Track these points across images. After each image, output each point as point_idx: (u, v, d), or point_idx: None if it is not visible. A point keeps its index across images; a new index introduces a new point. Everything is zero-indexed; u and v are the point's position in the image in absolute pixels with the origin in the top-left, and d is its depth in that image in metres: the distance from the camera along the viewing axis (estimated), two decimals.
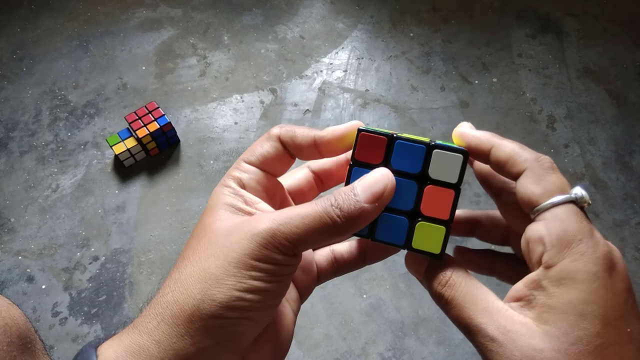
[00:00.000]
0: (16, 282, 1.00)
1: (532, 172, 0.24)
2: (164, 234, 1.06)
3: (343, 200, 0.24)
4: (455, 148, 0.26)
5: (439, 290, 0.26)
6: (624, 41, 1.36)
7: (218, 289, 0.23)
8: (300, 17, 1.42)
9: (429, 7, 1.44)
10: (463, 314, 0.24)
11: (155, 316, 0.24)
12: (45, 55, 1.34)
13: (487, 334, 0.23)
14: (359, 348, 0.94)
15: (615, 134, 1.21)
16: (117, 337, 0.25)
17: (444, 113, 1.24)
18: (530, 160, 0.25)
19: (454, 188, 0.26)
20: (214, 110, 1.24)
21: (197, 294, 0.23)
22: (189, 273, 0.24)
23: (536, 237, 0.24)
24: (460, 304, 0.25)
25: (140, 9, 1.44)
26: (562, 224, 0.23)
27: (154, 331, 0.23)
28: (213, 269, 0.23)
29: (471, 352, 0.93)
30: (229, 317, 0.23)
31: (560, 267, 0.23)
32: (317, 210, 0.24)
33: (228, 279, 0.23)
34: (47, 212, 1.09)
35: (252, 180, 0.28)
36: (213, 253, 0.24)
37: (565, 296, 0.22)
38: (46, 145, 1.18)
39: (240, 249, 0.23)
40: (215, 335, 0.23)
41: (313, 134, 0.28)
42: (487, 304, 0.24)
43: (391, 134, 0.26)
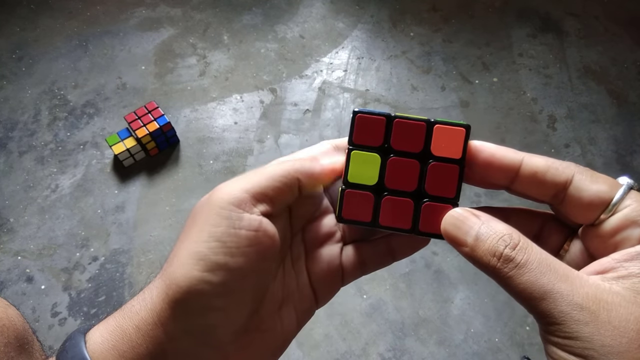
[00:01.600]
0: (15, 283, 1.00)
1: (582, 175, 0.25)
2: (163, 234, 1.06)
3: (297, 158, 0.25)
4: (456, 123, 0.26)
5: (507, 253, 0.22)
6: (625, 41, 1.36)
7: (182, 270, 0.22)
8: (300, 17, 1.42)
9: (429, 7, 1.43)
10: (541, 279, 0.21)
11: (140, 301, 0.24)
12: (44, 55, 1.33)
13: (572, 301, 0.20)
14: (359, 348, 0.93)
15: (616, 134, 1.20)
16: (105, 320, 0.25)
17: (444, 113, 1.24)
18: (571, 166, 0.25)
19: (458, 164, 0.25)
20: (214, 110, 1.24)
21: (166, 278, 0.23)
22: (170, 262, 0.24)
23: (629, 222, 0.23)
24: (535, 269, 0.21)
25: (139, 8, 1.43)
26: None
27: (134, 316, 0.23)
28: (181, 250, 0.23)
29: (471, 352, 0.93)
30: (193, 305, 0.22)
31: None
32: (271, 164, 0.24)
33: (189, 256, 0.22)
34: (46, 212, 1.09)
35: None
36: (185, 239, 0.24)
37: None
38: (45, 145, 1.18)
39: (201, 219, 0.23)
40: (185, 326, 0.22)
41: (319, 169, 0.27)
42: (567, 270, 0.21)
43: (388, 114, 0.26)
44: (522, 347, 0.93)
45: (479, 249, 0.23)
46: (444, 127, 0.25)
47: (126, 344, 0.23)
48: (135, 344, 0.23)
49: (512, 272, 0.22)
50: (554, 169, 0.25)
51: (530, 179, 0.26)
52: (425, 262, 1.01)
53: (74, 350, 0.23)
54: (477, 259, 0.23)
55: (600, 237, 0.24)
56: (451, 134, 0.25)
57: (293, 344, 0.93)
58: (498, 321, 0.94)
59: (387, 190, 0.26)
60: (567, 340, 0.20)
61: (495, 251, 0.22)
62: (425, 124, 0.26)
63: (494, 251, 0.22)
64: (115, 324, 0.24)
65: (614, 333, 0.20)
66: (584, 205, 0.24)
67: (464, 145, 0.25)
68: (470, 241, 0.23)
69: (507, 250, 0.22)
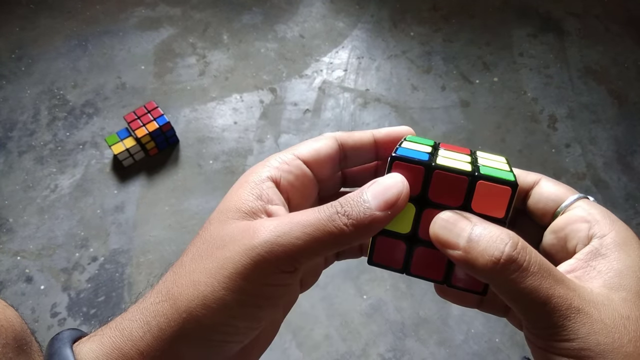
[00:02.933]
0: (15, 283, 1.00)
1: (549, 179, 0.27)
2: (163, 234, 1.06)
3: (351, 206, 0.22)
4: (502, 179, 0.23)
5: (509, 252, 0.21)
6: (625, 41, 1.35)
7: (204, 311, 0.21)
8: (300, 16, 1.42)
9: (429, 6, 1.43)
10: (543, 284, 0.21)
11: (142, 325, 0.23)
12: (43, 54, 1.33)
13: (571, 305, 0.20)
14: (359, 349, 0.93)
15: (617, 134, 1.20)
16: (97, 338, 0.23)
17: (444, 113, 1.23)
18: (539, 175, 0.27)
19: (500, 223, 0.23)
20: (214, 110, 1.24)
21: (183, 312, 0.22)
22: (180, 285, 0.23)
23: (577, 218, 0.25)
24: (537, 272, 0.21)
25: (139, 8, 1.43)
26: (598, 207, 0.25)
27: (139, 341, 0.22)
28: (202, 286, 0.22)
29: (472, 352, 0.92)
30: (214, 339, 0.22)
31: (615, 234, 0.23)
32: (321, 218, 0.22)
33: (216, 302, 0.21)
34: (45, 213, 1.08)
35: (292, 175, 0.26)
36: (205, 267, 0.22)
37: (630, 260, 0.22)
38: (45, 145, 1.18)
39: (232, 266, 0.22)
40: (199, 352, 0.22)
41: (370, 131, 0.28)
42: (560, 274, 0.22)
43: (427, 163, 0.23)
44: (523, 348, 0.93)
45: (473, 250, 0.22)
46: (488, 184, 0.23)
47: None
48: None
49: (514, 275, 0.21)
50: (524, 174, 0.28)
51: None
52: None
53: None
54: (471, 262, 0.22)
55: (553, 232, 0.26)
56: (495, 191, 0.23)
57: (293, 344, 0.93)
58: (498, 321, 0.94)
59: (420, 240, 0.25)
60: (563, 343, 0.20)
61: (494, 251, 0.21)
62: (468, 179, 0.23)
63: (492, 251, 0.21)
64: (112, 345, 0.23)
65: (606, 330, 0.20)
66: (542, 203, 0.26)
67: (508, 204, 0.23)
68: (462, 243, 0.22)
69: (508, 248, 0.21)
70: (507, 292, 0.21)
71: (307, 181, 0.27)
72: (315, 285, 0.31)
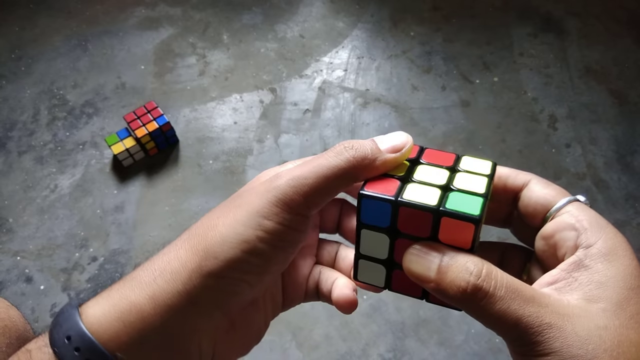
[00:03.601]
0: (15, 283, 1.00)
1: (537, 181, 0.27)
2: (163, 234, 1.05)
3: (360, 144, 0.24)
4: (464, 215, 0.23)
5: (474, 282, 0.22)
6: (626, 40, 1.35)
7: (222, 247, 0.23)
8: (300, 16, 1.42)
9: (429, 6, 1.43)
10: (511, 306, 0.21)
11: (153, 271, 0.23)
12: (43, 54, 1.33)
13: (542, 322, 0.21)
14: (359, 349, 0.93)
15: (617, 134, 1.20)
16: (104, 293, 0.24)
17: (444, 112, 1.23)
18: (531, 174, 0.27)
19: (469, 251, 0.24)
20: (213, 110, 1.24)
21: (201, 251, 0.23)
22: (198, 230, 0.24)
23: (566, 225, 0.25)
24: (504, 296, 0.22)
25: (139, 8, 1.43)
26: (588, 212, 0.25)
27: (148, 285, 0.23)
28: (221, 226, 0.23)
29: (472, 352, 0.92)
30: (228, 276, 0.23)
31: (602, 244, 0.23)
32: (329, 155, 0.24)
33: (234, 237, 0.23)
34: (45, 213, 1.08)
35: None
36: (225, 211, 0.24)
37: (613, 270, 0.22)
38: (45, 145, 1.18)
39: (250, 206, 0.23)
40: (212, 293, 0.23)
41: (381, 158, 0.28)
42: (530, 291, 0.22)
43: (393, 200, 0.24)
44: None
45: (443, 281, 0.23)
46: (452, 220, 0.23)
47: (134, 314, 0.22)
48: (146, 314, 0.22)
49: (482, 302, 0.22)
50: (514, 175, 0.28)
51: (496, 185, 0.28)
52: None
53: (67, 323, 0.22)
54: (444, 292, 0.23)
55: (543, 239, 0.26)
56: (459, 226, 0.23)
57: (293, 344, 0.93)
58: None
59: (396, 264, 0.26)
60: (540, 358, 0.21)
61: (460, 281, 0.22)
62: (432, 216, 0.24)
63: (459, 281, 0.22)
64: (119, 295, 0.23)
65: (580, 343, 0.21)
66: (531, 206, 0.26)
67: (473, 237, 0.23)
68: (433, 275, 0.23)
69: (472, 278, 0.22)
70: (480, 318, 0.23)
71: None
72: None
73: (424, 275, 0.23)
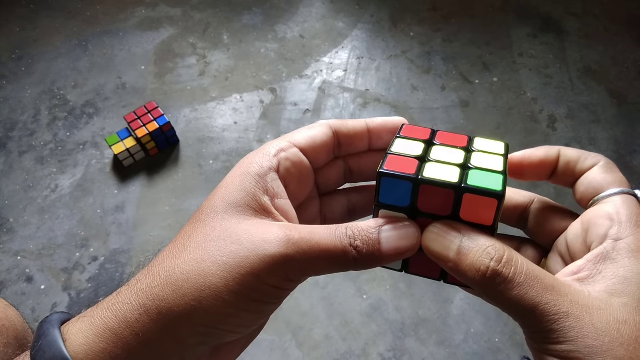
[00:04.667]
0: (15, 283, 1.00)
1: (605, 165, 0.27)
2: (163, 234, 1.06)
3: (363, 241, 0.23)
4: (489, 191, 0.23)
5: (494, 267, 0.22)
6: (625, 40, 1.35)
7: (215, 301, 0.22)
8: (300, 17, 1.42)
9: (429, 7, 1.43)
10: (529, 292, 0.21)
11: (138, 307, 0.22)
12: (44, 54, 1.33)
13: (560, 310, 0.21)
14: (359, 349, 0.93)
15: (616, 134, 1.20)
16: (87, 319, 0.23)
17: (444, 113, 1.23)
18: (602, 157, 0.27)
19: (490, 230, 0.24)
20: (214, 110, 1.24)
21: (190, 300, 0.22)
22: (186, 272, 0.23)
23: (604, 214, 0.24)
24: (523, 282, 0.22)
25: (139, 8, 1.43)
26: (632, 208, 0.24)
27: (134, 323, 0.22)
28: (214, 279, 0.22)
29: (472, 352, 0.93)
30: (219, 328, 0.23)
31: (632, 240, 0.23)
32: (337, 245, 0.23)
33: (228, 295, 0.22)
34: (46, 213, 1.08)
35: (289, 162, 0.27)
36: (217, 260, 0.22)
37: (637, 266, 0.22)
38: (45, 145, 1.18)
39: (248, 266, 0.22)
40: (199, 339, 0.23)
41: (364, 120, 0.28)
42: (551, 280, 0.22)
43: (414, 178, 0.24)
44: (523, 348, 0.93)
45: (462, 263, 0.23)
46: (475, 196, 0.23)
47: (120, 348, 0.22)
48: (132, 349, 0.22)
49: (500, 287, 0.22)
50: (585, 156, 0.27)
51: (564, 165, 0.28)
52: None
53: (51, 350, 0.22)
54: (462, 273, 0.23)
55: (581, 222, 0.26)
56: (482, 202, 0.23)
57: (293, 344, 0.93)
58: (498, 321, 0.94)
59: None
60: (554, 346, 0.21)
61: (480, 265, 0.22)
62: (454, 192, 0.23)
63: (479, 265, 0.22)
64: (105, 326, 0.22)
65: (597, 334, 0.21)
66: (583, 187, 0.27)
67: (495, 214, 0.23)
68: (452, 255, 0.23)
69: (493, 263, 0.22)
70: (497, 302, 0.23)
71: (304, 168, 0.27)
72: (315, 285, 0.32)
73: (443, 255, 0.23)
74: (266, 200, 0.25)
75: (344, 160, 0.30)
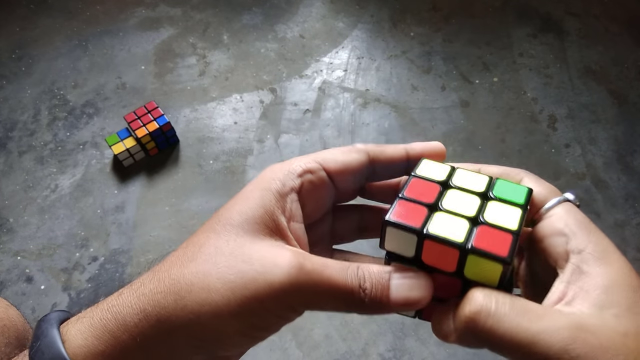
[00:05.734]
0: (15, 283, 1.00)
1: (529, 178, 0.26)
2: (163, 234, 1.06)
3: (375, 288, 0.23)
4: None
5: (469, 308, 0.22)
6: (625, 41, 1.35)
7: (213, 319, 0.22)
8: (300, 17, 1.42)
9: (429, 7, 1.43)
10: (522, 323, 0.20)
11: (138, 312, 0.22)
12: (44, 54, 1.33)
13: (564, 336, 0.20)
14: (359, 349, 0.93)
15: (617, 134, 1.20)
16: (86, 320, 0.23)
17: (444, 113, 1.23)
18: (523, 171, 0.27)
19: None
20: (214, 110, 1.24)
21: (190, 313, 0.22)
22: (190, 283, 0.22)
23: (555, 231, 0.24)
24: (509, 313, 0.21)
25: (139, 8, 1.43)
26: (576, 215, 0.24)
27: (133, 328, 0.22)
28: (217, 296, 0.22)
29: (472, 352, 0.93)
30: (214, 345, 0.23)
31: (593, 247, 0.23)
32: (347, 282, 0.22)
33: (227, 315, 0.22)
34: (46, 212, 1.08)
35: (312, 185, 0.26)
36: (224, 277, 0.22)
37: (612, 273, 0.22)
38: (45, 145, 1.18)
39: (254, 289, 0.22)
40: (194, 350, 0.23)
41: (403, 147, 0.28)
42: (539, 307, 0.21)
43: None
44: None
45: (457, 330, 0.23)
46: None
47: (118, 351, 0.22)
48: (131, 352, 0.22)
49: (488, 323, 0.21)
50: (505, 173, 0.27)
51: None
52: None
53: (50, 351, 0.22)
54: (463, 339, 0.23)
55: (534, 242, 0.25)
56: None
57: (293, 344, 0.93)
58: None
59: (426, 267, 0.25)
60: None
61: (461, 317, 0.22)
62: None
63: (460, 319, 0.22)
64: (103, 328, 0.22)
65: (609, 354, 0.19)
66: None
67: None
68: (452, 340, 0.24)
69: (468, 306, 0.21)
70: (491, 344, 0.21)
71: (325, 192, 0.27)
72: None
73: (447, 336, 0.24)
74: (283, 221, 0.24)
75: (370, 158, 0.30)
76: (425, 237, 0.23)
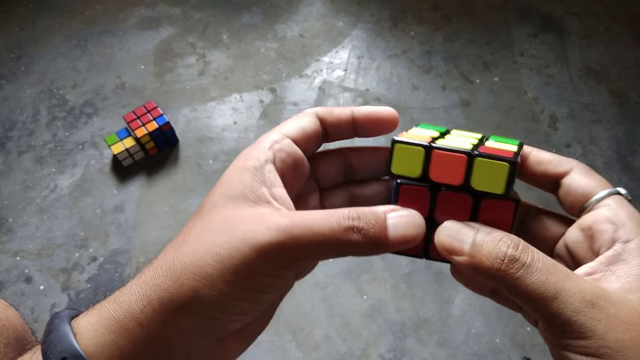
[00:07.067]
0: (14, 283, 1.00)
1: (580, 170, 0.27)
2: (162, 234, 1.05)
3: (370, 225, 0.23)
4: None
5: (511, 253, 0.22)
6: (626, 40, 1.35)
7: (211, 291, 0.22)
8: (300, 16, 1.42)
9: (429, 6, 1.43)
10: (550, 277, 0.21)
11: (142, 298, 0.23)
12: (43, 54, 1.33)
13: (585, 298, 0.20)
14: (359, 349, 0.93)
15: (617, 134, 1.20)
16: (95, 312, 0.24)
17: (445, 112, 1.23)
18: (574, 161, 0.27)
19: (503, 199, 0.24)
20: (213, 110, 1.24)
21: (188, 290, 0.22)
22: (183, 263, 0.23)
23: (604, 219, 0.24)
24: (542, 268, 0.21)
25: (138, 7, 1.43)
26: (627, 207, 0.25)
27: (138, 314, 0.23)
28: (208, 268, 0.22)
29: (472, 352, 0.92)
30: (217, 317, 0.23)
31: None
32: (335, 229, 0.22)
33: (223, 285, 0.22)
34: (45, 213, 1.08)
35: (283, 153, 0.27)
36: (211, 250, 0.23)
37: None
38: (44, 145, 1.18)
39: (240, 256, 0.22)
40: (199, 328, 0.23)
41: (350, 109, 0.28)
42: (568, 270, 0.22)
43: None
44: (523, 348, 0.92)
45: (478, 254, 0.23)
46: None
47: (127, 339, 0.23)
48: (138, 338, 0.23)
49: (519, 272, 0.21)
50: (556, 161, 0.27)
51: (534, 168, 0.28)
52: (426, 263, 1.00)
53: (62, 343, 0.22)
54: (477, 265, 0.23)
55: (580, 229, 0.26)
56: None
57: (293, 344, 0.92)
58: (499, 322, 0.94)
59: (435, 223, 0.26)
60: (580, 341, 0.20)
61: (497, 253, 0.22)
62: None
63: (496, 253, 0.22)
64: (111, 318, 0.23)
65: (624, 327, 0.20)
66: (571, 195, 0.27)
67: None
68: (467, 249, 0.23)
69: (510, 250, 0.22)
70: (516, 292, 0.22)
71: (297, 158, 0.28)
72: (315, 285, 0.32)
73: (457, 248, 0.23)
74: (264, 190, 0.25)
75: (345, 155, 0.30)
76: (433, 148, 0.24)
